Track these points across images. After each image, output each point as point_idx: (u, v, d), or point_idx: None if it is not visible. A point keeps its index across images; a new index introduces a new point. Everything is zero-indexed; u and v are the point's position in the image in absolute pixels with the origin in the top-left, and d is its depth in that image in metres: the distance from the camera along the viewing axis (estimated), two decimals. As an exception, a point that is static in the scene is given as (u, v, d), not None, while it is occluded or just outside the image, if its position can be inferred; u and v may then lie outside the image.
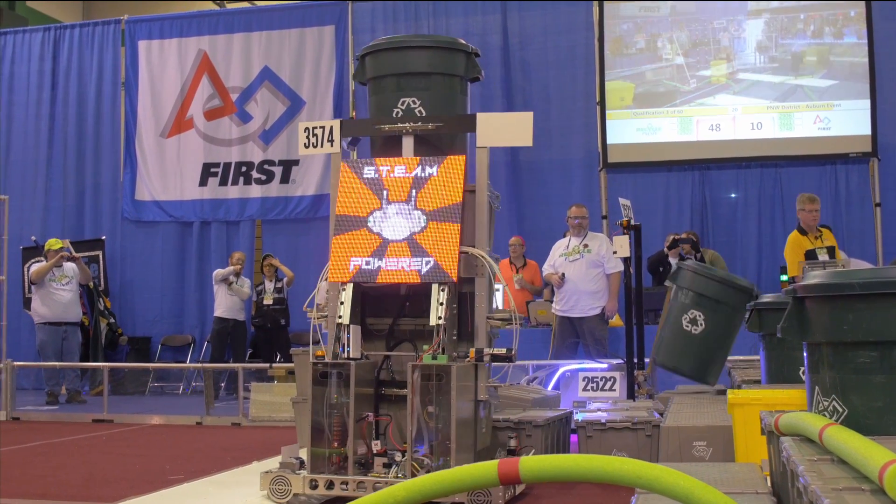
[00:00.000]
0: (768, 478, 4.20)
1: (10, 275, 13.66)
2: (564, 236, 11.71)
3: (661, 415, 6.93)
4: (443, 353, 5.65)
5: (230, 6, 21.09)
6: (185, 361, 15.19)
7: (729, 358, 9.56)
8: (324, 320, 6.18)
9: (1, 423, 11.28)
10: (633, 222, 9.01)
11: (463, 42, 6.59)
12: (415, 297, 6.08)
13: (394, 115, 6.28)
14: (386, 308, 6.27)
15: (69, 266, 13.35)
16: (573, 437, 7.55)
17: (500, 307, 11.97)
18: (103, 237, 15.94)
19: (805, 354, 3.85)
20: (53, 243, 13.48)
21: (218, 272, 14.28)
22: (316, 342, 6.14)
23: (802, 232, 10.49)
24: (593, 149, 14.16)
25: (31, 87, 16.89)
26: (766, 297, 6.41)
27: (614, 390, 9.33)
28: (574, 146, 14.33)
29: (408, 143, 6.25)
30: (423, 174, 6.07)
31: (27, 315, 15.25)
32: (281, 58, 15.51)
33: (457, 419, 5.51)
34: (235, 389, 11.69)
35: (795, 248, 10.39)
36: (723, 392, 8.02)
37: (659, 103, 14.10)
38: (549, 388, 9.42)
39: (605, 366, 9.94)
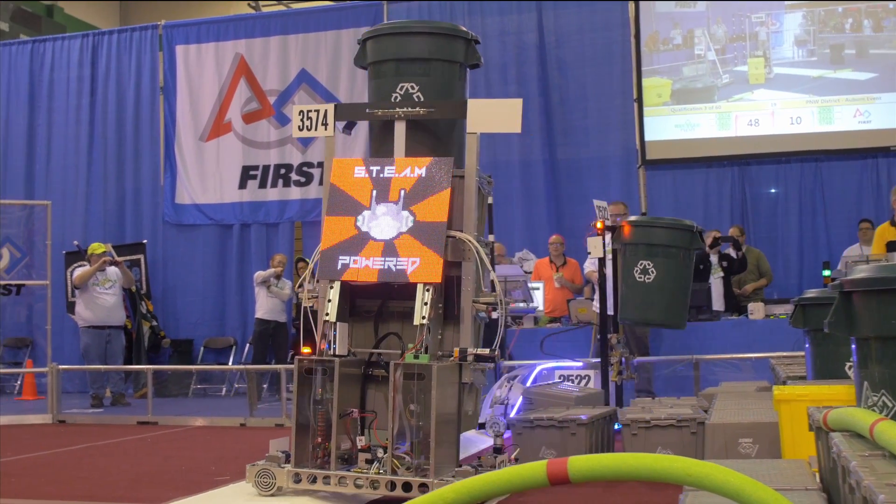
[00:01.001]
0: (817, 474, 4.18)
1: (53, 279, 13.76)
2: (604, 234, 11.67)
3: (706, 412, 6.90)
4: (425, 353, 5.70)
5: (266, 9, 21.21)
6: (227, 363, 15.26)
7: (772, 354, 9.54)
8: (314, 300, 6.22)
9: (47, 426, 11.40)
10: (608, 223, 9.11)
11: (463, 29, 6.60)
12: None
13: (392, 100, 6.30)
14: (375, 289, 6.27)
15: (112, 270, 13.44)
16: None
17: (541, 307, 12.05)
18: (144, 241, 16.06)
19: (853, 349, 3.83)
20: (96, 247, 13.58)
21: (259, 274, 14.34)
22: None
23: (894, 223, 10.46)
24: (631, 146, 14.12)
25: (70, 94, 17.02)
26: (810, 293, 6.38)
27: (589, 388, 9.40)
28: (612, 143, 14.29)
29: (400, 128, 6.26)
30: (411, 175, 6.10)
31: (70, 319, 15.39)
32: (318, 60, 15.55)
33: (437, 417, 5.57)
34: (278, 390, 11.74)
35: (878, 240, 10.37)
36: (766, 388, 7.99)
37: (696, 99, 14.03)
38: (528, 384, 9.41)
39: (580, 364, 9.96)
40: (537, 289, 12.14)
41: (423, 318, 5.75)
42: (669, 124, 14.06)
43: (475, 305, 6.06)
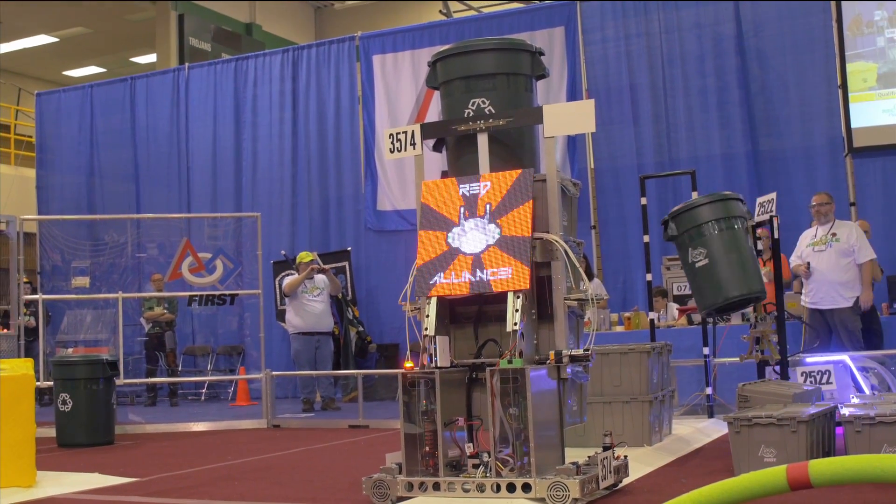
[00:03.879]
0: None
1: (263, 288, 14.17)
2: (811, 226, 11.39)
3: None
4: (519, 357, 5.84)
5: (457, 15, 21.39)
6: (433, 367, 15.39)
7: None
8: (417, 312, 6.41)
9: (263, 431, 11.76)
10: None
11: (527, 42, 6.74)
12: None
13: (465, 116, 6.49)
14: (471, 296, 6.39)
15: (320, 278, 13.77)
16: (838, 431, 7.33)
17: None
18: (349, 248, 16.38)
19: None
20: (304, 256, 13.94)
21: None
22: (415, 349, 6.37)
23: None
24: (837, 134, 13.67)
25: (273, 108, 17.55)
26: None
27: (831, 383, 9.11)
28: (816, 133, 13.86)
29: (482, 141, 6.45)
30: (496, 190, 6.30)
31: (278, 326, 15.86)
32: (512, 62, 15.55)
33: (535, 419, 5.72)
34: (485, 393, 11.80)
35: None
36: None
37: (903, 83, 13.48)
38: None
39: (823, 359, 9.67)
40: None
41: (515, 324, 5.92)
42: (877, 110, 13.53)
43: (567, 303, 6.20)
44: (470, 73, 6.57)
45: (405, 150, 6.84)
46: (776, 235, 9.04)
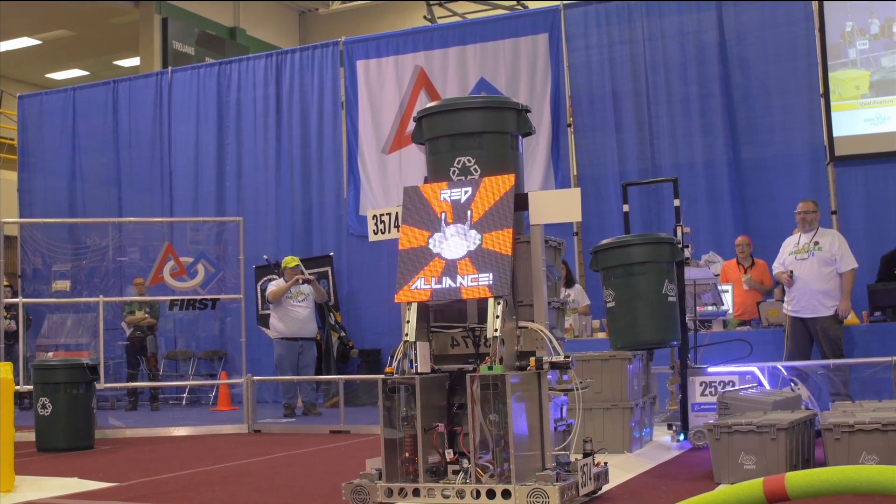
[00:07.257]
0: None
1: (245, 293, 14.14)
2: (793, 233, 11.40)
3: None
4: (499, 364, 5.86)
5: (442, 21, 21.40)
6: (414, 372, 15.37)
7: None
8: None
9: (243, 436, 11.74)
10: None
11: (513, 100, 6.78)
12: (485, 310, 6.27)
13: (451, 174, 6.52)
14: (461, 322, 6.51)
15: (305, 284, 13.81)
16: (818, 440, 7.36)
17: (731, 308, 11.83)
18: (331, 253, 16.34)
19: None
20: (289, 261, 13.95)
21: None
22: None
23: None
24: (819, 143, 13.69)
25: (257, 112, 17.48)
26: None
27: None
28: (798, 141, 13.85)
29: None
30: (477, 195, 6.33)
31: (260, 331, 15.80)
32: (496, 69, 15.56)
33: (514, 425, 5.77)
34: (466, 399, 11.80)
35: None
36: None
37: (894, 91, 13.46)
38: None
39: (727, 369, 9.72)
40: (726, 291, 11.91)
41: (496, 330, 5.93)
42: (859, 119, 13.54)
43: (551, 393, 6.25)
44: (455, 131, 6.56)
45: (389, 232, 6.91)
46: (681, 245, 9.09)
